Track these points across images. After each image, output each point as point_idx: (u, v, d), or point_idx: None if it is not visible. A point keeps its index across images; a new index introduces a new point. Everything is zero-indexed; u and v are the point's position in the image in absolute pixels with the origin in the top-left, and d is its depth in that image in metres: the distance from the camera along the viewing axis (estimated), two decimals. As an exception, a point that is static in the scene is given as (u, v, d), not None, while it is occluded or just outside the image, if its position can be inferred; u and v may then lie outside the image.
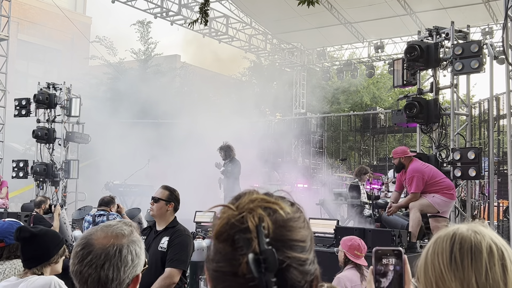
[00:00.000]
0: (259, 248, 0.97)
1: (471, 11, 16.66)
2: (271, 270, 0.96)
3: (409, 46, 9.16)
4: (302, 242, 1.05)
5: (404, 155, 7.86)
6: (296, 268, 1.01)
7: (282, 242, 1.01)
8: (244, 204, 1.03)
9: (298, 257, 1.02)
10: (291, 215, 1.05)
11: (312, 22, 18.95)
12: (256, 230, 0.98)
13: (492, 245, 1.17)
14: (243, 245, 0.98)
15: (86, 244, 1.67)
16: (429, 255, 1.21)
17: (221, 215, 1.03)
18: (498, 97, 12.68)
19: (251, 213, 1.00)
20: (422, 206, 7.58)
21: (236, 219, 1.00)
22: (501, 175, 12.55)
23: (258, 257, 0.96)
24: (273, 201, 1.05)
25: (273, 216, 1.02)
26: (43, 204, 7.89)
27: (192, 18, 15.97)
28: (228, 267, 1.00)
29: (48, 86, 13.07)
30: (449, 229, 1.24)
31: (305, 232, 1.07)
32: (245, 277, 0.97)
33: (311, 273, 1.05)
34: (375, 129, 19.24)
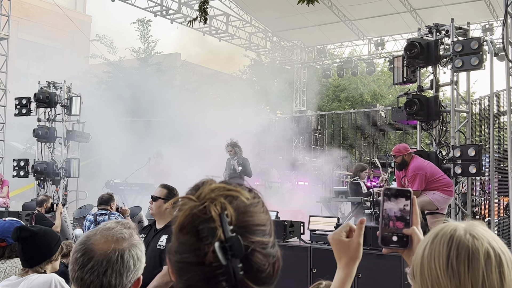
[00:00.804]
0: (224, 236, 0.99)
1: (471, 8, 16.64)
2: (237, 256, 0.99)
3: (409, 43, 9.15)
4: (263, 226, 1.07)
5: (406, 152, 7.87)
6: (260, 252, 1.04)
7: (245, 228, 1.03)
8: (205, 194, 1.04)
9: (261, 241, 1.05)
10: (250, 201, 1.07)
11: (312, 19, 18.94)
12: (220, 219, 1.00)
13: (490, 251, 1.15)
14: (207, 234, 1.00)
15: (86, 250, 1.64)
16: (425, 255, 1.19)
17: (183, 207, 1.04)
18: (499, 94, 12.67)
19: (213, 202, 1.02)
20: (422, 204, 7.59)
21: (198, 210, 1.02)
22: (501, 172, 12.54)
23: (224, 245, 0.98)
24: (233, 188, 1.06)
25: (234, 203, 1.04)
26: (45, 203, 7.91)
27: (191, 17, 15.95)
28: (193, 258, 1.02)
29: (49, 85, 13.08)
30: (447, 228, 1.21)
31: (265, 216, 1.09)
32: (212, 265, 0.99)
33: (273, 255, 1.08)
34: (375, 127, 19.22)
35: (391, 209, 1.45)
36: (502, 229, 9.88)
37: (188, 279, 1.04)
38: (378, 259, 6.11)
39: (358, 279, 6.25)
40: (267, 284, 1.08)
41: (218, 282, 1.00)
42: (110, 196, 6.93)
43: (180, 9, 17.97)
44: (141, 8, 17.64)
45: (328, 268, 6.91)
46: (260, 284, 1.05)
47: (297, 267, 6.80)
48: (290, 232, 7.14)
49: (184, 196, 1.07)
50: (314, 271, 6.60)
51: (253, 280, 1.03)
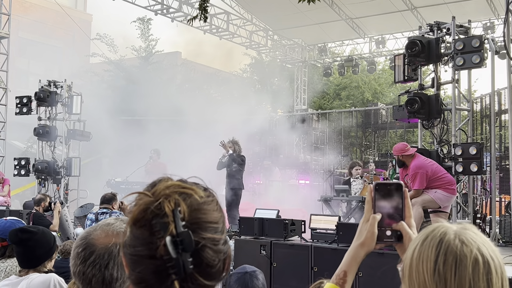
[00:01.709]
0: (176, 231, 1.03)
1: (472, 5, 16.61)
2: (187, 251, 1.03)
3: (410, 42, 9.13)
4: (215, 223, 1.11)
5: (401, 153, 7.82)
6: (210, 248, 1.08)
7: (197, 224, 1.08)
8: (160, 191, 1.08)
9: (212, 237, 1.09)
10: (204, 199, 1.12)
11: (313, 18, 18.92)
12: (173, 214, 1.04)
13: (479, 257, 1.13)
14: (160, 229, 1.04)
15: (87, 245, 1.64)
16: (414, 258, 1.18)
17: (138, 202, 1.09)
18: (500, 92, 12.66)
19: (168, 199, 1.06)
20: (424, 202, 7.57)
21: (152, 205, 1.06)
22: (503, 170, 12.54)
23: (175, 239, 1.02)
24: (188, 186, 1.11)
25: (188, 200, 1.09)
26: (43, 202, 7.89)
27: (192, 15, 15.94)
28: (145, 251, 1.06)
29: (49, 83, 13.08)
30: (437, 231, 1.19)
31: (218, 214, 1.13)
32: (163, 258, 1.03)
33: (224, 252, 1.12)
34: (376, 125, 19.22)
35: (383, 203, 1.44)
36: (503, 227, 9.86)
37: (140, 271, 1.08)
38: (379, 257, 6.09)
39: (360, 277, 6.24)
40: (216, 279, 1.12)
41: (169, 275, 1.04)
42: (113, 195, 6.93)
43: (180, 7, 17.96)
44: (141, 6, 17.63)
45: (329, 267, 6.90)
46: (209, 279, 1.09)
47: (298, 265, 6.80)
48: (291, 231, 7.14)
49: (140, 191, 1.11)
50: (315, 269, 6.60)
51: (202, 274, 1.07)
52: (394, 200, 1.44)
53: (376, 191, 1.45)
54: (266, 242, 7.11)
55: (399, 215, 1.43)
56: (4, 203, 11.54)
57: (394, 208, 1.44)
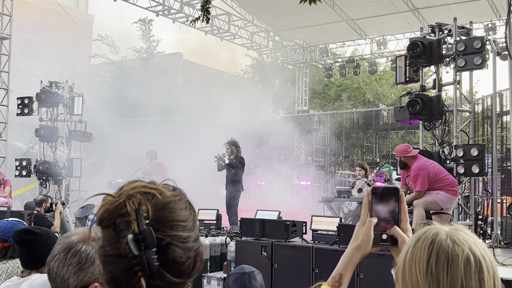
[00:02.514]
0: (138, 229, 1.06)
1: (474, 7, 16.60)
2: (150, 248, 1.06)
3: (412, 43, 9.13)
4: (183, 221, 1.14)
5: (403, 155, 7.82)
6: (177, 245, 1.11)
7: (162, 223, 1.10)
8: (125, 192, 1.11)
9: (179, 235, 1.12)
10: (170, 198, 1.14)
11: (314, 19, 18.91)
12: (135, 213, 1.07)
13: (470, 257, 1.14)
14: (123, 228, 1.07)
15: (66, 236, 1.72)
16: (407, 259, 1.19)
17: (103, 203, 1.12)
18: (501, 94, 12.65)
19: (130, 199, 1.09)
20: (426, 204, 7.56)
21: (115, 205, 1.09)
22: (504, 171, 12.53)
23: (137, 237, 1.05)
24: (153, 187, 1.14)
25: (152, 200, 1.11)
26: (44, 203, 7.89)
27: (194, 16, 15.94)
28: (113, 250, 1.09)
29: (51, 84, 13.08)
30: (429, 232, 1.20)
31: (186, 212, 1.16)
32: (128, 257, 1.06)
33: (194, 249, 1.15)
34: (378, 126, 19.20)
35: (380, 207, 1.45)
36: (505, 229, 9.84)
37: (110, 270, 1.11)
38: (380, 258, 6.08)
39: (360, 279, 6.23)
40: (185, 277, 1.14)
41: (135, 273, 1.06)
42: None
43: (182, 8, 17.97)
44: (143, 7, 17.65)
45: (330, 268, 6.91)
46: (178, 276, 1.11)
47: (299, 267, 6.79)
48: (292, 232, 7.13)
49: (105, 193, 1.14)
50: (316, 271, 6.59)
51: (170, 271, 1.09)
52: (390, 204, 1.45)
53: (373, 195, 1.45)
54: (267, 243, 7.11)
55: (395, 219, 1.44)
56: (5, 204, 11.54)
57: (391, 212, 1.45)
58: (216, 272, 7.80)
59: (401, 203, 1.45)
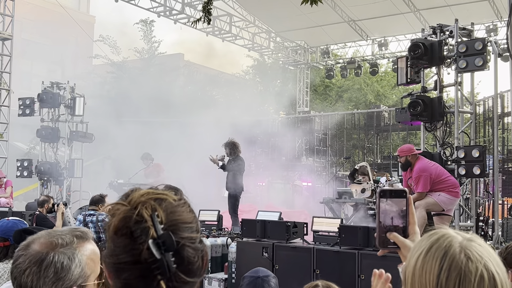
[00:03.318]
0: (157, 233, 1.10)
1: (475, 8, 16.60)
2: (170, 250, 1.10)
3: (413, 44, 9.13)
4: (190, 223, 1.18)
5: (410, 153, 7.82)
6: (189, 246, 1.15)
7: (174, 226, 1.15)
8: (135, 199, 1.15)
9: (189, 236, 1.16)
10: (177, 202, 1.19)
11: (316, 20, 18.92)
12: (151, 219, 1.11)
13: (484, 273, 1.10)
14: (141, 234, 1.10)
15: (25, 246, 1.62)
16: (417, 268, 1.16)
17: (116, 212, 1.15)
18: (503, 95, 12.64)
19: (144, 205, 1.13)
20: (428, 205, 7.55)
21: (131, 213, 1.12)
22: (505, 173, 12.52)
23: (157, 241, 1.09)
24: (160, 192, 1.18)
25: (163, 205, 1.16)
26: (46, 204, 7.88)
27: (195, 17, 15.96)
28: (129, 257, 1.12)
29: (52, 85, 13.10)
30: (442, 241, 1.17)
31: (191, 215, 1.21)
32: (147, 262, 1.09)
33: (201, 250, 1.20)
34: (379, 127, 19.19)
35: (387, 210, 1.44)
36: (506, 230, 9.84)
37: (125, 278, 1.13)
38: (383, 260, 6.06)
39: (362, 280, 6.23)
40: (197, 276, 1.18)
41: (154, 277, 1.10)
42: (101, 197, 6.94)
43: (183, 9, 17.98)
44: (144, 8, 17.66)
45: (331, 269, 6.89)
46: (191, 276, 1.16)
47: (300, 268, 6.79)
48: (293, 233, 7.13)
49: (116, 202, 1.17)
50: (317, 272, 6.58)
51: (185, 272, 1.14)
52: (398, 206, 1.43)
53: (381, 198, 1.44)
54: (268, 244, 7.11)
55: (403, 222, 1.43)
56: (6, 205, 11.55)
57: (398, 215, 1.43)
58: (217, 273, 7.81)
59: (409, 205, 1.43)
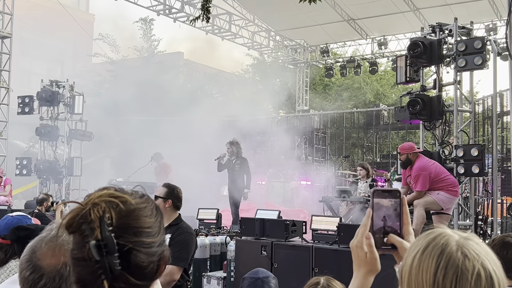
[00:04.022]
0: (101, 235, 1.12)
1: (474, 7, 16.59)
2: (111, 253, 1.12)
3: (412, 43, 9.13)
4: (147, 228, 1.20)
5: (411, 151, 7.83)
6: (139, 251, 1.17)
7: (125, 230, 1.16)
8: (91, 200, 1.18)
9: (142, 241, 1.18)
10: (135, 206, 1.21)
11: (315, 18, 18.91)
12: (99, 221, 1.14)
13: (481, 271, 1.10)
14: (88, 233, 1.14)
15: (34, 267, 1.55)
16: (414, 266, 1.16)
17: (71, 210, 1.19)
18: (502, 94, 12.65)
19: (95, 207, 1.16)
20: (426, 204, 7.55)
21: (82, 213, 1.16)
22: (504, 172, 12.53)
23: (99, 243, 1.12)
24: (118, 195, 1.20)
25: (117, 208, 1.17)
26: (45, 202, 7.88)
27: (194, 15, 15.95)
28: (79, 254, 1.16)
29: (51, 83, 13.10)
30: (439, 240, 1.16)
31: (151, 219, 1.23)
32: (91, 260, 1.13)
33: (158, 254, 1.22)
34: (378, 126, 19.20)
35: (381, 210, 1.43)
36: (505, 229, 9.85)
37: (77, 272, 1.18)
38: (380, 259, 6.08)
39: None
40: (148, 279, 1.21)
41: (99, 276, 1.13)
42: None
43: (183, 8, 17.96)
44: (144, 7, 17.63)
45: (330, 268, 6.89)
46: (140, 279, 1.18)
47: (299, 266, 6.79)
48: (292, 232, 7.13)
49: (73, 201, 1.25)
50: (316, 270, 6.59)
51: (133, 275, 1.16)
52: (392, 207, 1.43)
53: (374, 198, 1.43)
54: (267, 242, 7.11)
55: (397, 222, 1.42)
56: (5, 203, 11.56)
57: (392, 215, 1.42)
58: (216, 271, 7.82)
59: (403, 206, 1.42)
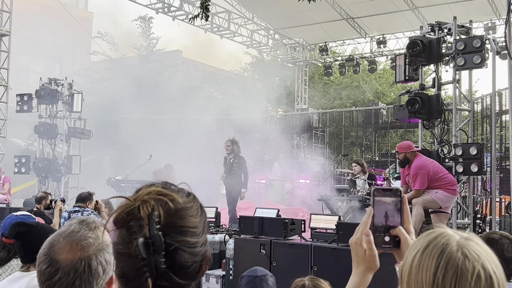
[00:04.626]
0: (149, 233, 1.13)
1: (473, 6, 16.59)
2: (158, 252, 1.13)
3: (411, 41, 9.13)
4: (192, 228, 1.21)
5: (409, 150, 7.84)
6: (184, 250, 1.18)
7: (172, 228, 1.17)
8: (140, 196, 1.19)
9: (187, 240, 1.18)
10: (182, 205, 1.21)
11: (314, 17, 18.90)
12: (148, 218, 1.14)
13: (481, 272, 1.10)
14: (136, 230, 1.15)
15: (51, 261, 1.58)
16: (414, 266, 1.16)
17: (120, 205, 1.20)
18: (501, 93, 12.66)
19: (145, 204, 1.16)
20: (425, 202, 7.56)
21: (130, 209, 1.17)
22: (503, 170, 12.54)
23: (147, 241, 1.13)
24: (167, 193, 1.20)
25: (165, 206, 1.18)
26: (44, 200, 7.85)
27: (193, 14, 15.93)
28: (125, 249, 1.17)
29: (50, 81, 13.08)
30: (440, 240, 1.17)
31: (196, 219, 1.23)
32: (138, 257, 1.14)
33: (201, 254, 1.22)
34: (377, 125, 19.20)
35: (382, 209, 1.43)
36: (503, 228, 9.87)
37: (122, 267, 1.19)
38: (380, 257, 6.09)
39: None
40: (191, 279, 1.21)
41: (144, 272, 1.14)
42: (90, 195, 6.82)
43: (182, 6, 17.94)
44: (143, 5, 17.61)
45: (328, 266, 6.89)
46: (183, 278, 1.18)
47: (298, 265, 6.80)
48: (291, 230, 7.14)
49: (122, 196, 1.23)
50: (315, 269, 6.59)
51: (177, 274, 1.16)
52: (392, 205, 1.43)
53: (375, 197, 1.43)
54: (266, 241, 7.11)
55: (397, 221, 1.42)
56: (4, 201, 11.54)
57: (393, 214, 1.42)
58: (214, 270, 7.82)
59: (403, 204, 1.43)
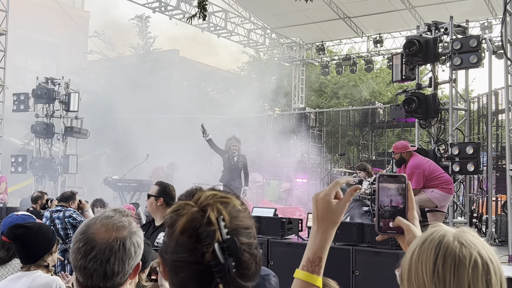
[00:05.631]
0: (222, 238, 1.12)
1: (470, 5, 16.63)
2: (233, 255, 1.12)
3: (408, 41, 9.15)
4: (249, 229, 1.21)
5: (405, 150, 7.87)
6: (247, 252, 1.17)
7: (236, 231, 1.16)
8: (203, 200, 1.17)
9: (248, 242, 1.18)
10: (239, 207, 1.21)
11: (311, 16, 18.92)
12: (218, 223, 1.13)
13: (478, 258, 1.14)
14: (207, 237, 1.12)
15: (87, 240, 1.67)
16: (413, 260, 1.19)
17: (182, 212, 1.16)
18: (497, 92, 12.68)
19: (212, 208, 1.15)
20: (421, 201, 7.59)
21: (199, 214, 1.14)
22: (499, 170, 12.57)
23: (222, 246, 1.11)
24: (225, 196, 1.20)
25: (228, 208, 1.17)
26: (40, 200, 7.83)
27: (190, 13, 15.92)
28: (190, 257, 1.13)
29: (47, 81, 13.06)
30: (436, 234, 1.20)
31: (250, 221, 1.23)
32: (209, 264, 1.11)
33: (257, 255, 1.22)
34: (374, 124, 19.22)
35: (386, 195, 1.44)
36: (499, 227, 9.89)
37: (184, 276, 1.15)
38: (376, 256, 6.12)
39: (356, 276, 6.26)
40: (252, 281, 1.20)
41: (212, 279, 1.11)
42: (72, 194, 6.80)
43: (179, 5, 17.92)
44: (139, 4, 17.59)
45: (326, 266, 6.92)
46: (246, 281, 1.17)
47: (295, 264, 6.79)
48: (288, 229, 7.15)
49: (184, 201, 1.19)
50: (312, 268, 6.60)
51: (241, 277, 1.15)
52: (397, 191, 1.44)
53: (380, 183, 1.45)
54: (263, 240, 7.12)
55: (402, 207, 1.44)
56: (1, 200, 11.53)
57: (398, 200, 1.44)
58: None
59: (408, 191, 1.45)
